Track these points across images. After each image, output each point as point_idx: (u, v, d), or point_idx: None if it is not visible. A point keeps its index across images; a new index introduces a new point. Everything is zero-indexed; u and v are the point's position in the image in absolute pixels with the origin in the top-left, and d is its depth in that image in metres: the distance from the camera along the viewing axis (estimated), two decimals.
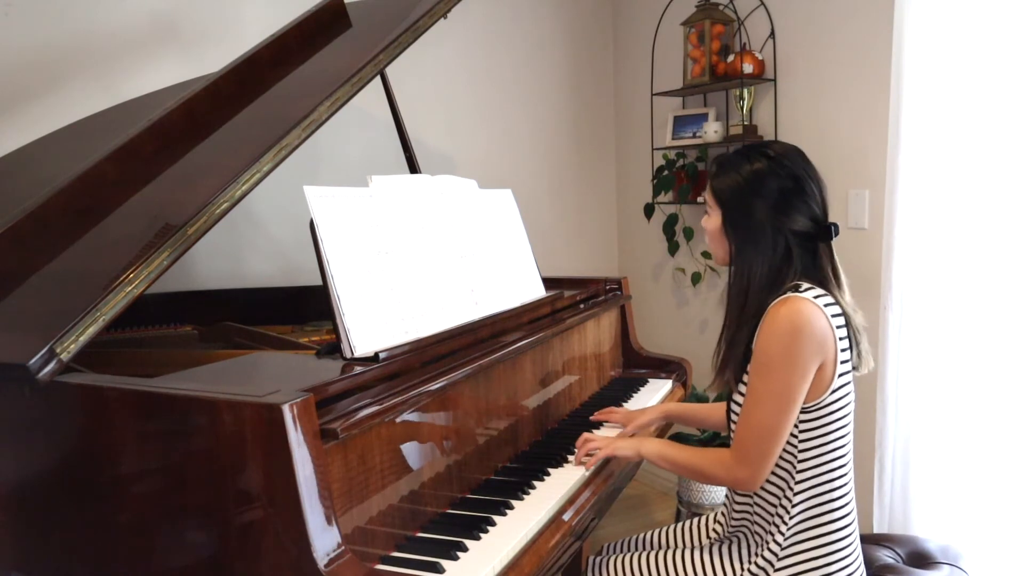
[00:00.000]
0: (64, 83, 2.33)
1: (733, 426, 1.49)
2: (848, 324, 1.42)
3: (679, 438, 2.89)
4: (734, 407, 1.49)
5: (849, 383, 1.43)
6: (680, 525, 1.74)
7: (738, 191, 1.43)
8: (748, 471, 1.39)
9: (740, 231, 1.44)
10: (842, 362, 1.39)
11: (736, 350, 1.45)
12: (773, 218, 1.40)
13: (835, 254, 1.46)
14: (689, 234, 3.27)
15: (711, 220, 1.50)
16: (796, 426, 1.40)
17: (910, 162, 2.30)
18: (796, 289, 1.38)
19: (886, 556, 1.74)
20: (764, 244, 1.41)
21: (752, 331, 1.41)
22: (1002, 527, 2.24)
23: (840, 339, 1.38)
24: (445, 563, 1.20)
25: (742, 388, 1.46)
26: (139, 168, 1.56)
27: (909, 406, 2.37)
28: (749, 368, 1.42)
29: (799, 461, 1.41)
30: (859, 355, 1.45)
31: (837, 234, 1.43)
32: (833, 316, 1.38)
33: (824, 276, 1.43)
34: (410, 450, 1.33)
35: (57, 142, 2.09)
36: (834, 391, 1.39)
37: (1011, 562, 2.23)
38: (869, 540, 1.79)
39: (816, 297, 1.37)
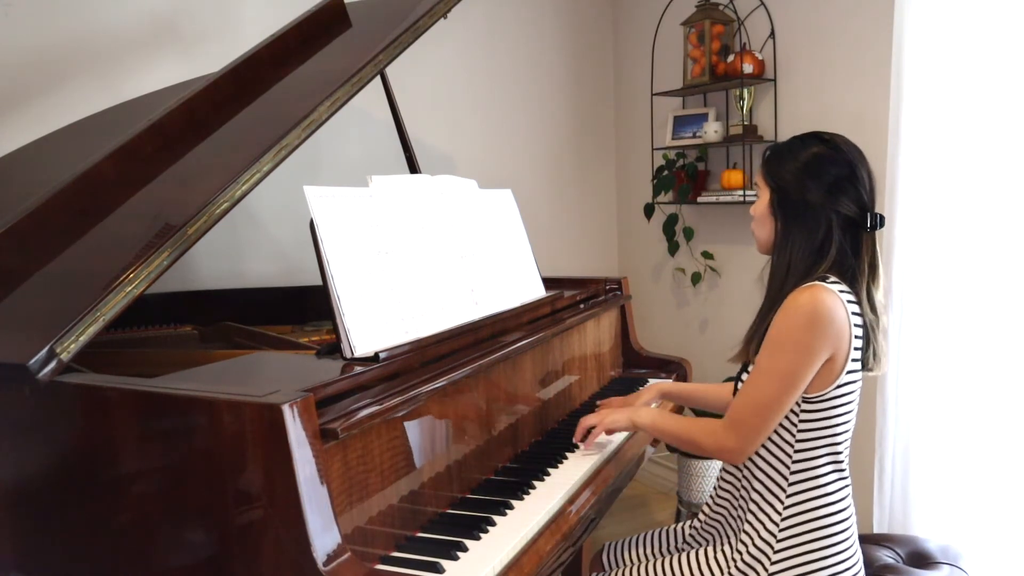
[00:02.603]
0: (64, 83, 2.33)
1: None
2: (865, 325, 1.42)
3: None
4: (741, 385, 1.50)
5: (856, 382, 1.43)
6: (678, 525, 1.74)
7: (793, 171, 1.45)
8: (736, 442, 1.41)
9: (788, 209, 1.45)
10: (853, 360, 1.40)
11: (767, 321, 1.45)
12: (823, 199, 1.42)
13: (878, 247, 1.47)
14: (689, 234, 3.27)
15: (759, 201, 1.52)
16: (796, 415, 1.41)
17: (910, 162, 2.30)
18: (824, 280, 1.39)
19: (886, 556, 1.74)
20: (810, 224, 1.43)
21: None
22: (1002, 527, 2.24)
23: (856, 337, 1.39)
24: (445, 563, 1.20)
25: (752, 368, 1.46)
26: (139, 168, 1.56)
27: (909, 406, 2.37)
28: (761, 346, 1.42)
29: (796, 451, 1.42)
30: (875, 355, 1.45)
31: (882, 225, 1.45)
32: (853, 314, 1.39)
33: (861, 267, 1.44)
34: (410, 450, 1.33)
35: (57, 142, 2.09)
36: (839, 386, 1.39)
37: (1011, 562, 2.23)
38: (869, 540, 1.79)
39: (841, 291, 1.38)
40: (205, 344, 1.96)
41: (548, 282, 2.14)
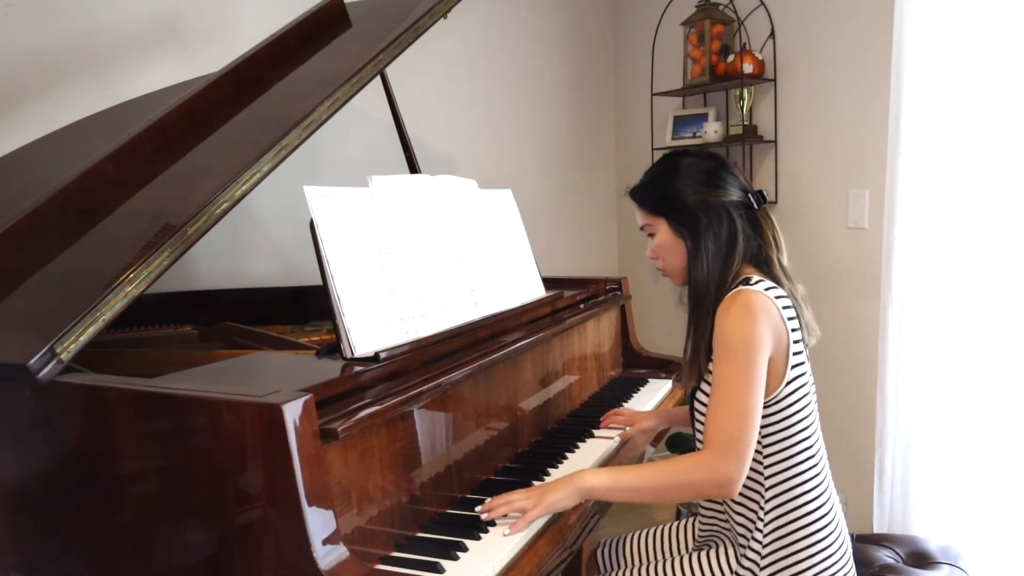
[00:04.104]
0: (64, 83, 2.32)
1: (698, 424, 1.49)
2: (793, 302, 1.43)
3: (679, 439, 2.89)
4: (698, 405, 1.48)
5: (805, 374, 1.43)
6: (672, 524, 1.74)
7: (677, 189, 1.49)
8: (732, 462, 1.32)
9: (691, 221, 1.48)
10: (795, 353, 1.40)
11: (703, 333, 1.45)
12: (713, 194, 1.47)
13: (774, 220, 1.52)
14: None
15: (658, 236, 1.55)
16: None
17: (910, 162, 2.31)
18: (746, 283, 1.40)
19: (886, 556, 1.74)
20: (714, 221, 1.46)
21: (713, 317, 1.42)
22: (1002, 527, 2.24)
23: (792, 331, 1.39)
24: (445, 563, 1.20)
25: (704, 387, 1.46)
26: (139, 168, 1.56)
27: (909, 406, 2.37)
28: (711, 364, 1.42)
29: (765, 456, 1.41)
30: (807, 328, 1.46)
31: (766, 200, 1.50)
32: (784, 308, 1.39)
33: (768, 240, 1.49)
34: (410, 450, 1.33)
35: (57, 142, 2.09)
36: (789, 383, 1.39)
37: (1011, 562, 2.23)
38: (869, 540, 1.80)
39: (767, 289, 1.39)
40: (205, 344, 1.96)
41: (548, 282, 2.13)
